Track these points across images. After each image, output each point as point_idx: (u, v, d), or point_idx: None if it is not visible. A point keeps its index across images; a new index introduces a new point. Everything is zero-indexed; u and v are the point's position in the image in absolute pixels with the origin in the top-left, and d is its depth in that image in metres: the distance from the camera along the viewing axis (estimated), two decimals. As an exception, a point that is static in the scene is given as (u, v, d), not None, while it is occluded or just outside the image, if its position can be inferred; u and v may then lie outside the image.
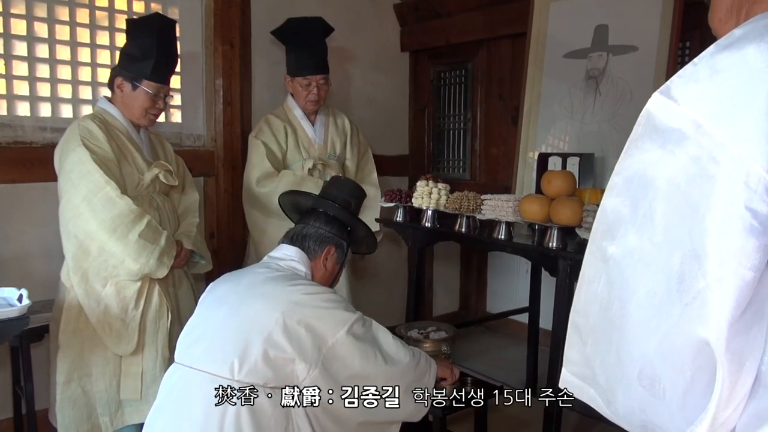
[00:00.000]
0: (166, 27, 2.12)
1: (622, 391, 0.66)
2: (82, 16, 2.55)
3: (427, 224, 2.48)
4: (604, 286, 0.67)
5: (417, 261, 2.63)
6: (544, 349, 2.90)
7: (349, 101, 3.44)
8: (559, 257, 1.97)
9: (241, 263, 2.79)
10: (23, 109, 2.42)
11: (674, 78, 0.63)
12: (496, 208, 2.19)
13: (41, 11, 2.43)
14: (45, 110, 2.48)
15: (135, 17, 2.47)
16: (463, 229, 2.36)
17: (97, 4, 2.57)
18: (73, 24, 2.52)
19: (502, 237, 2.20)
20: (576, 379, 0.73)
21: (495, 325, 3.76)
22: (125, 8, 2.65)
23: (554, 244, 2.00)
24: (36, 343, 2.13)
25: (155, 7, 2.71)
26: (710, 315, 0.57)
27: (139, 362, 2.00)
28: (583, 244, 1.97)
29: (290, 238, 1.75)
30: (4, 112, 2.38)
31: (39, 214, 2.36)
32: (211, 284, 1.70)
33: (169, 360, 2.00)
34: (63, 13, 2.49)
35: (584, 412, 2.60)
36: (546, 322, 2.94)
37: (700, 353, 0.59)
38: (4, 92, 2.37)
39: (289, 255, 1.69)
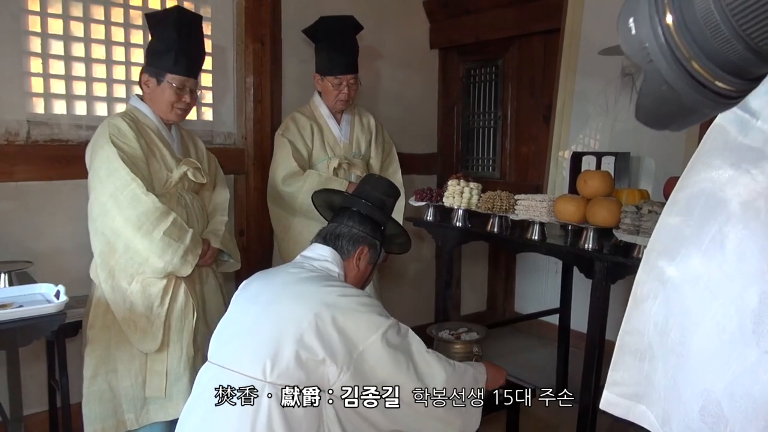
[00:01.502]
0: (188, 19, 2.08)
1: (679, 418, 0.62)
2: (117, 15, 2.57)
3: (458, 224, 2.46)
4: (660, 308, 0.62)
5: (447, 261, 2.61)
6: (574, 351, 2.85)
7: (377, 99, 3.42)
8: (596, 259, 1.93)
9: (271, 262, 2.80)
10: (59, 107, 2.46)
11: None
12: (529, 208, 2.15)
13: (77, 11, 2.47)
14: (80, 108, 2.51)
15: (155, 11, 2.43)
16: (495, 229, 2.33)
17: (131, 3, 2.60)
18: (108, 23, 2.55)
19: (536, 237, 2.16)
20: (622, 399, 0.69)
21: (523, 326, 3.71)
22: (159, 7, 2.67)
23: (590, 246, 1.96)
24: (71, 338, 2.16)
25: (188, 6, 2.72)
26: None
27: (164, 360, 1.99)
28: (619, 246, 1.93)
29: (323, 238, 1.73)
30: (42, 110, 2.42)
31: (73, 211, 2.39)
32: (243, 282, 1.69)
33: (194, 359, 2.01)
34: (98, 12, 2.52)
35: (616, 416, 2.55)
36: (576, 323, 2.89)
37: None
38: (41, 91, 2.41)
39: (322, 255, 1.68)
